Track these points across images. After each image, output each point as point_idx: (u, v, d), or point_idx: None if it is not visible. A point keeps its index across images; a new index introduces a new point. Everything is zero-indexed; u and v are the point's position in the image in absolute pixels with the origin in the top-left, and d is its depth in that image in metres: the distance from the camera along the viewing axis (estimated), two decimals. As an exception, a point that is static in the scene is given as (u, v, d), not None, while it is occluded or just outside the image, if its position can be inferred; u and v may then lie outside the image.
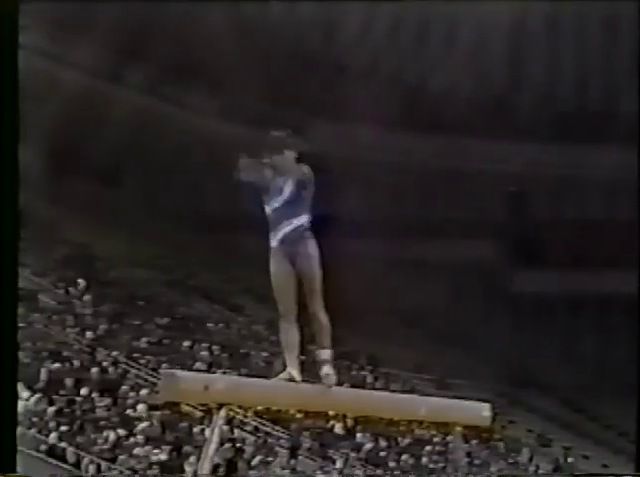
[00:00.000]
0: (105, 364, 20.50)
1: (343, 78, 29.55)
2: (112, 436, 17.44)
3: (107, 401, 18.70)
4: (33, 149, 27.15)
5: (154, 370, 20.49)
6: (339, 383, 7.05)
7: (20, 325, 20.02)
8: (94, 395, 18.74)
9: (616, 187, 28.48)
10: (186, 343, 23.33)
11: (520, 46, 30.37)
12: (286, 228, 6.86)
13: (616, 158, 26.73)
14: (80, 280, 24.31)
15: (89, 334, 21.69)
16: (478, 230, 30.03)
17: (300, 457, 20.17)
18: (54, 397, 18.06)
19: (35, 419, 17.15)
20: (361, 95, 29.07)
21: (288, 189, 6.84)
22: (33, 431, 16.74)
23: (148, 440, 17.75)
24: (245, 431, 19.99)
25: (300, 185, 6.85)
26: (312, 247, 6.86)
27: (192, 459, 16.73)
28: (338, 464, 20.74)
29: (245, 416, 19.08)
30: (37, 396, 17.65)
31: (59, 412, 17.66)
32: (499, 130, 30.32)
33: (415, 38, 30.20)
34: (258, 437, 20.06)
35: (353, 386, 17.61)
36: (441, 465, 21.90)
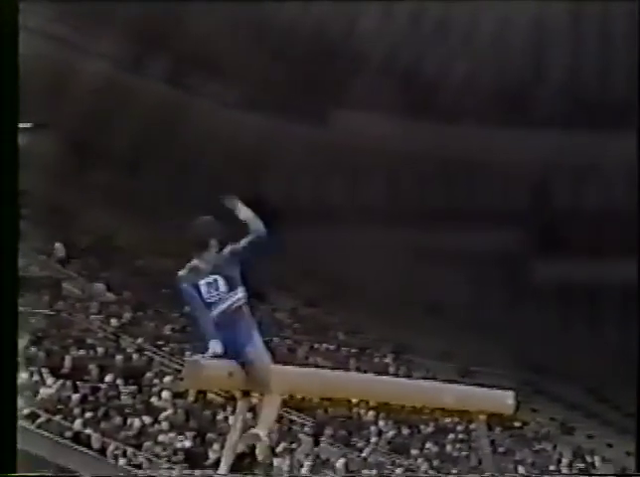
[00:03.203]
0: (130, 351, 20.57)
1: (362, 68, 29.44)
2: (137, 423, 17.52)
3: (132, 389, 18.77)
4: (58, 140, 27.32)
5: (177, 356, 20.53)
6: (362, 370, 7.09)
7: (45, 313, 20.21)
8: (119, 382, 18.81)
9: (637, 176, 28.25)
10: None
11: (540, 36, 30.18)
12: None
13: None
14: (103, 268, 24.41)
15: (114, 322, 21.76)
16: (501, 219, 29.90)
17: (323, 444, 20.19)
18: (78, 383, 18.15)
19: (60, 406, 17.24)
20: (380, 86, 28.99)
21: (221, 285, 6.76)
22: (58, 418, 16.83)
23: (172, 427, 17.82)
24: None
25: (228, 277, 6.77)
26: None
27: (216, 446, 16.78)
28: (362, 451, 20.75)
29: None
30: (56, 383, 17.73)
31: (84, 399, 17.74)
32: (519, 120, 30.15)
33: (435, 28, 30.04)
34: (282, 424, 20.08)
35: (376, 373, 17.60)
36: (465, 453, 21.89)
